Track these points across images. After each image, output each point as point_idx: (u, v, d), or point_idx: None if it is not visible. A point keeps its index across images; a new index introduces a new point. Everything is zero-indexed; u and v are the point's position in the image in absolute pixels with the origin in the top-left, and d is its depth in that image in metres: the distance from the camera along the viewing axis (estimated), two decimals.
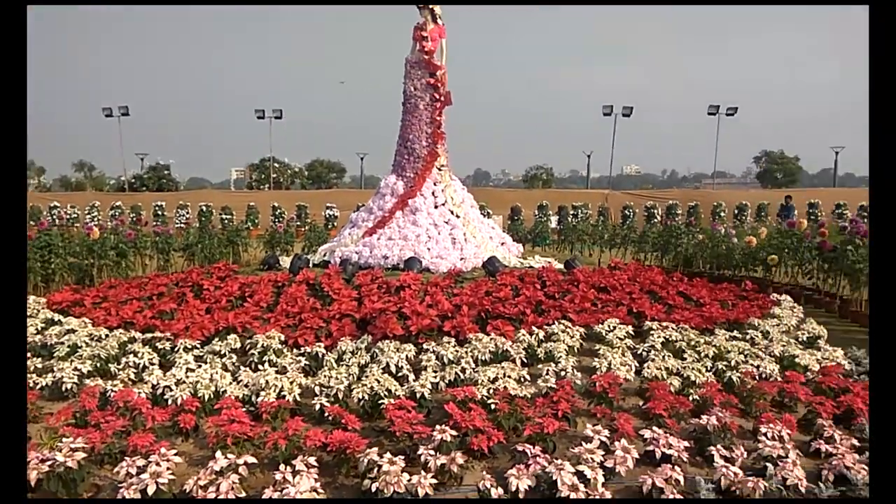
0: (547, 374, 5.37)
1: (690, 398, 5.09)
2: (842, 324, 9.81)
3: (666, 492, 3.63)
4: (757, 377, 5.62)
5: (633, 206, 27.73)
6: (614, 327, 6.55)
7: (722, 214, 26.47)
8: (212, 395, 5.03)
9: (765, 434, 4.42)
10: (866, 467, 4.15)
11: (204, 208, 28.85)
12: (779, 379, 5.67)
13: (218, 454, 3.82)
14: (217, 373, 5.33)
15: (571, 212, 26.40)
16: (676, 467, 3.87)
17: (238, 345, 6.17)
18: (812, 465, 4.30)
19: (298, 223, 26.20)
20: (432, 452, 3.92)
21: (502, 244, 10.77)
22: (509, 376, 5.21)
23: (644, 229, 16.81)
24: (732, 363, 5.76)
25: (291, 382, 5.04)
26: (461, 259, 9.14)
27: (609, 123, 39.09)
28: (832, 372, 5.80)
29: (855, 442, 4.58)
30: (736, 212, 26.80)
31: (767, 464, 4.05)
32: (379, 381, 4.96)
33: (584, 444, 4.06)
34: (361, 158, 50.31)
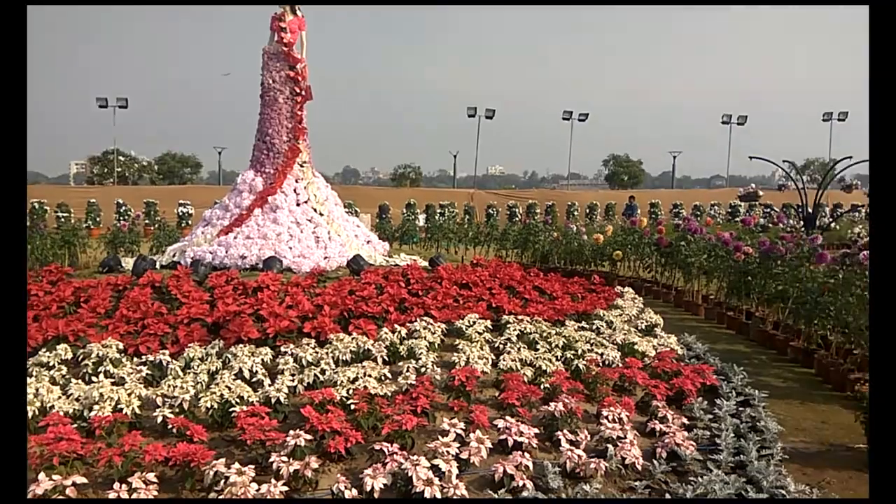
0: (407, 371, 5.39)
1: (542, 387, 5.35)
2: (676, 312, 10.84)
3: (516, 478, 3.78)
4: (601, 364, 6.03)
5: (496, 205, 28.78)
6: (474, 322, 6.73)
7: (575, 213, 28.24)
8: (37, 412, 4.51)
9: (606, 417, 4.75)
10: (694, 443, 4.60)
11: (36, 205, 25.87)
12: (620, 365, 6.12)
13: (41, 476, 3.43)
14: (43, 387, 4.78)
15: (438, 210, 26.86)
16: (526, 454, 4.04)
17: (69, 355, 5.58)
18: (648, 444, 4.69)
19: (147, 222, 24.30)
20: (285, 459, 3.78)
21: (368, 242, 10.68)
22: (370, 375, 5.16)
23: (506, 227, 17.49)
24: (580, 352, 6.13)
25: (130, 394, 4.63)
26: (325, 258, 8.94)
27: (475, 125, 40.26)
28: (666, 357, 6.37)
29: (685, 421, 5.06)
30: (587, 211, 28.73)
31: (608, 445, 4.35)
32: (230, 388, 4.71)
33: (440, 437, 4.11)
34: (219, 153, 47.70)
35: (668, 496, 3.78)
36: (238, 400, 4.61)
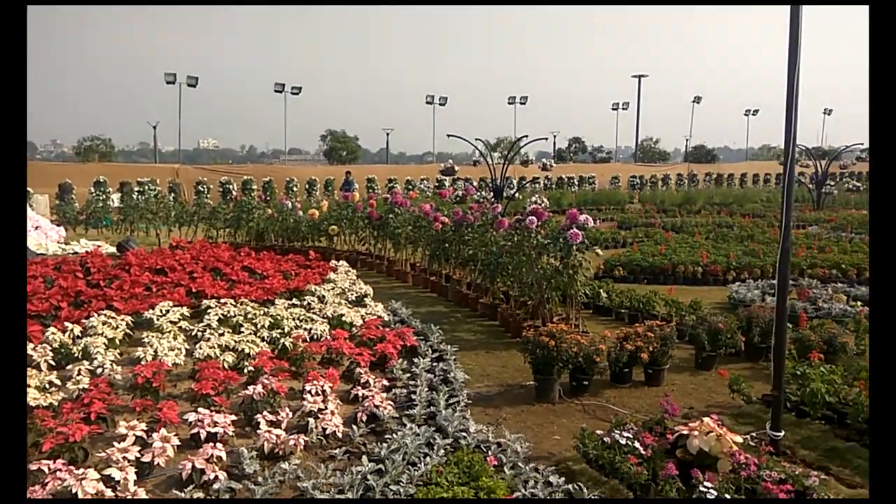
0: (79, 374, 4.68)
1: (245, 370, 5.12)
2: (388, 281, 11.39)
3: (207, 471, 3.54)
4: (308, 339, 6.01)
5: (207, 181, 26.81)
6: (167, 311, 6.14)
7: (294, 189, 27.83)
8: None
9: (309, 391, 4.74)
10: (393, 403, 4.85)
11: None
12: (328, 338, 6.18)
13: None
14: None
15: (137, 188, 23.98)
16: (220, 444, 3.82)
17: None
18: (352, 411, 4.81)
19: None
20: None
21: (36, 228, 9.03)
22: (28, 386, 4.34)
23: (216, 206, 16.39)
24: (286, 330, 6.02)
25: None
26: None
27: (185, 93, 36.79)
28: (371, 325, 6.62)
29: (386, 382, 5.32)
30: (307, 186, 28.54)
31: (309, 419, 4.34)
32: None
33: (115, 444, 3.65)
34: None
35: (365, 457, 3.91)
36: None
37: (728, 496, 3.30)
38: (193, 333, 5.89)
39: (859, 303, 7.93)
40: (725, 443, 3.66)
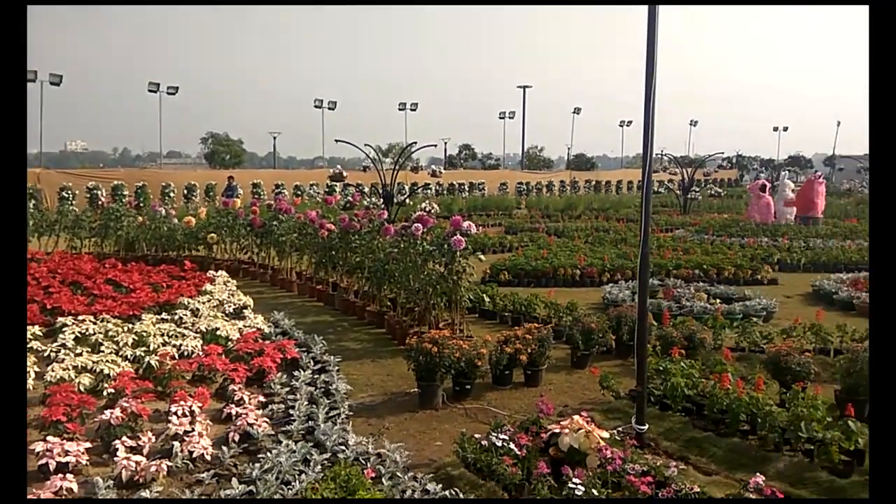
0: None
1: (104, 393, 4.73)
2: (272, 290, 11.00)
3: None
4: (177, 357, 5.65)
5: (72, 187, 24.66)
6: None
7: (171, 195, 26.24)
8: None
9: (175, 413, 4.44)
10: (269, 419, 4.65)
11: None
12: (200, 354, 5.84)
13: None
14: None
15: None
16: (71, 475, 3.48)
17: None
18: (224, 431, 4.56)
19: None
20: None
21: None
22: None
23: (79, 213, 15.08)
24: (153, 347, 5.63)
25: None
26: None
27: (48, 92, 33.60)
28: (249, 338, 6.34)
29: (262, 398, 5.10)
30: (186, 192, 27.01)
31: (175, 442, 4.07)
32: None
33: None
34: None
35: (235, 479, 3.71)
36: None
37: (595, 491, 3.44)
38: (45, 354, 5.36)
39: (718, 300, 8.64)
40: (594, 439, 3.83)
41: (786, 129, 58.78)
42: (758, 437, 4.37)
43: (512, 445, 3.86)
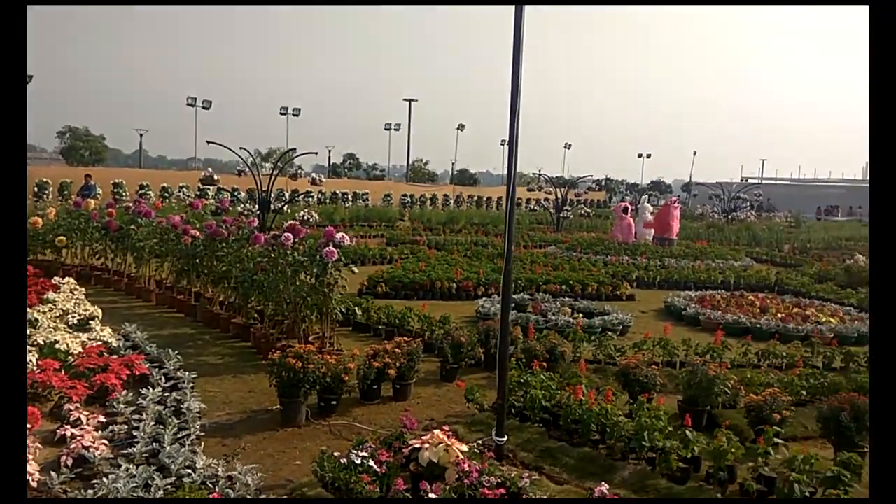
0: None
1: None
2: (127, 300, 10.19)
3: None
4: None
5: None
6: None
7: None
8: None
9: None
10: (108, 442, 4.26)
11: None
12: (35, 370, 5.25)
13: None
14: None
15: None
16: None
17: None
18: (56, 454, 4.12)
19: None
20: None
21: None
22: None
23: None
24: None
25: None
26: None
27: None
28: (93, 353, 5.80)
29: (103, 419, 4.67)
30: (36, 190, 24.50)
31: None
32: None
33: None
34: None
35: None
36: None
37: None
38: None
39: (581, 314, 9.11)
40: (453, 453, 3.85)
41: (649, 156, 63.96)
42: (606, 447, 4.62)
43: (372, 462, 3.80)
